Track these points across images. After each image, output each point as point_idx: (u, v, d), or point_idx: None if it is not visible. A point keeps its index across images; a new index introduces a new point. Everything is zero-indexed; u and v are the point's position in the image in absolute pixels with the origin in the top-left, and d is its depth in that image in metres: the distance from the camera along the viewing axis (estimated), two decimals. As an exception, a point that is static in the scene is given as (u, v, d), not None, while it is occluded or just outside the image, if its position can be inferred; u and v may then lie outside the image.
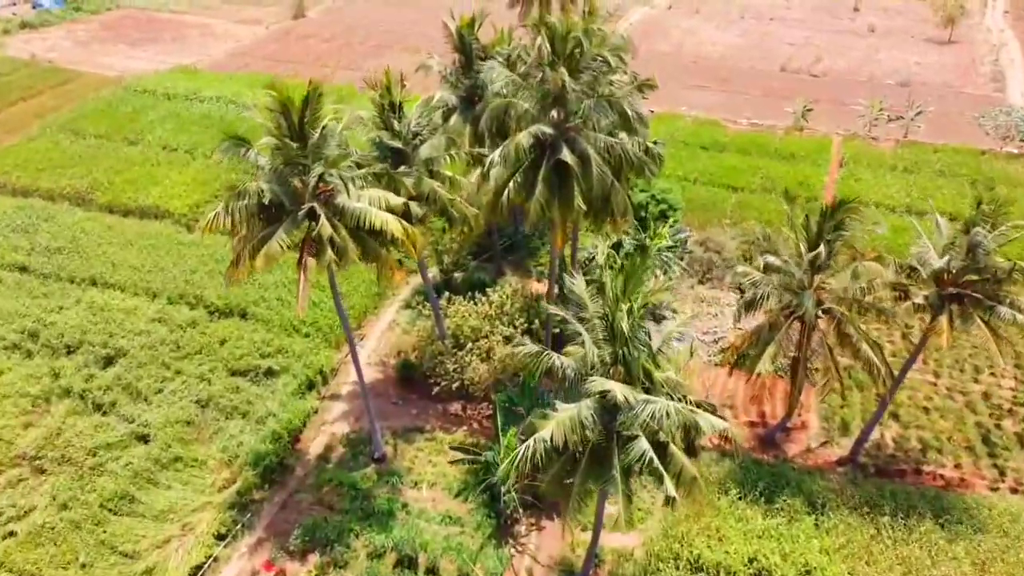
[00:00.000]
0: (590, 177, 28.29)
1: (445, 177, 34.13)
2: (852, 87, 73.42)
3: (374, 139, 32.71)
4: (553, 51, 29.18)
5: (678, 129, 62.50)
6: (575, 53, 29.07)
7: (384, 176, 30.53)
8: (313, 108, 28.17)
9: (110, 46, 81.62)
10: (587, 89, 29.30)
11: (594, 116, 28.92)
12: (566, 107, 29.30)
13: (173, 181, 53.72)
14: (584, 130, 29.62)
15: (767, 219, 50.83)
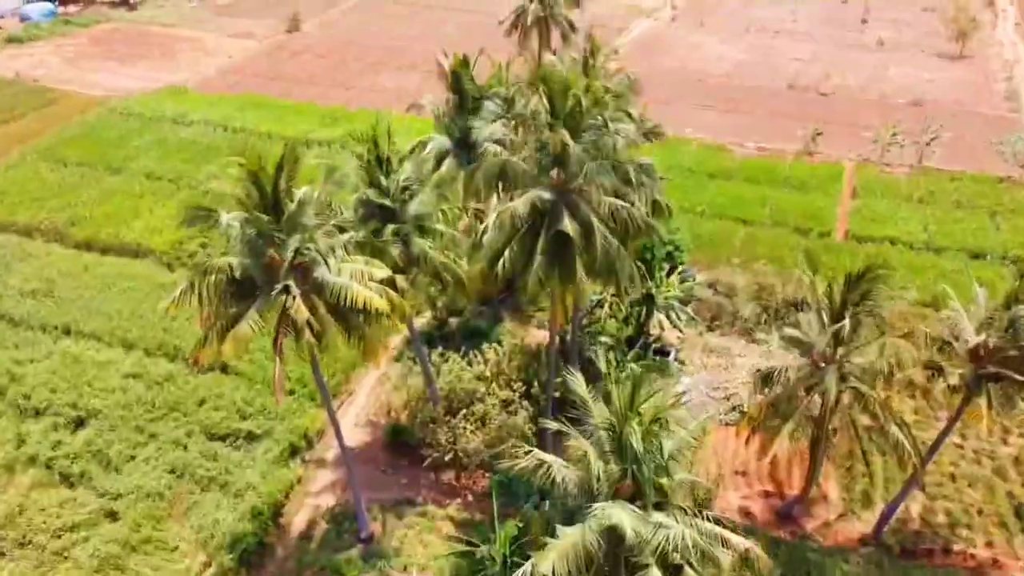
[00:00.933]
0: (594, 248, 25.56)
1: (437, 232, 31.46)
2: (862, 107, 70.58)
3: (360, 197, 29.83)
4: (552, 109, 26.37)
5: (684, 155, 59.69)
6: (575, 112, 26.24)
7: (368, 244, 27.72)
8: (289, 174, 25.25)
9: (98, 63, 78.79)
10: (590, 148, 26.49)
11: (597, 179, 26.14)
12: (567, 169, 26.52)
13: (156, 215, 50.99)
14: (587, 191, 26.84)
15: (778, 256, 48.11)
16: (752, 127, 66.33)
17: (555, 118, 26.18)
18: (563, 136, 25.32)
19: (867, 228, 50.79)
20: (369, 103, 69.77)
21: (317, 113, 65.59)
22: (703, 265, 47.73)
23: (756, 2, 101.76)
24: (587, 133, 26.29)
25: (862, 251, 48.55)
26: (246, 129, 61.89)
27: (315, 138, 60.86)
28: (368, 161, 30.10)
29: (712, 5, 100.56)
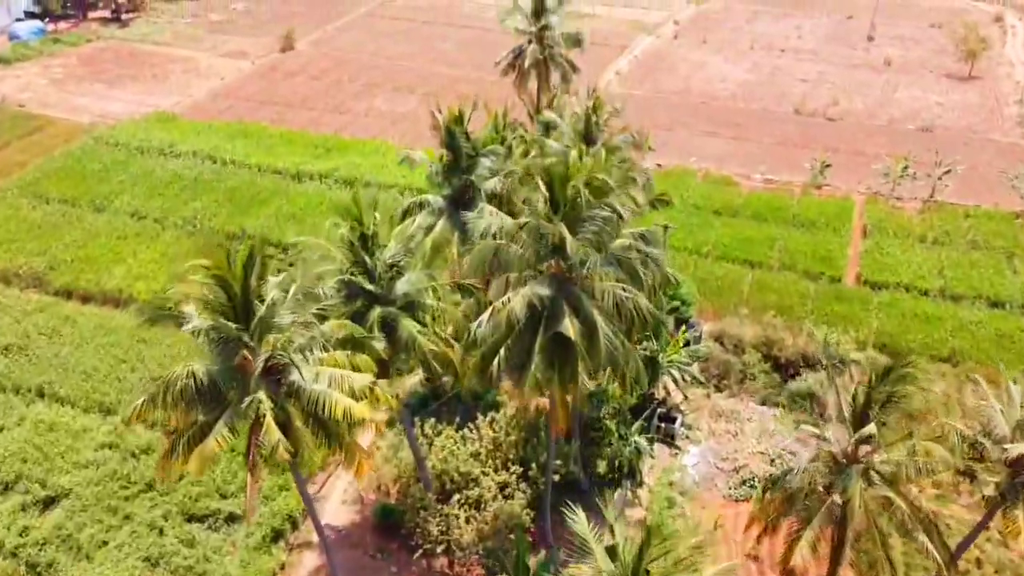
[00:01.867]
0: (597, 349, 23.16)
1: (428, 307, 29.04)
2: (871, 133, 68.09)
3: (343, 280, 27.35)
4: (552, 200, 23.92)
5: (689, 189, 57.22)
6: (576, 204, 23.75)
7: (350, 341, 25.28)
8: (259, 273, 22.83)
9: (87, 85, 76.27)
10: (592, 239, 24.02)
11: (600, 271, 23.69)
12: (567, 260, 24.08)
13: (139, 259, 48.60)
14: (589, 279, 24.39)
15: (787, 304, 45.73)
16: (758, 156, 63.83)
17: (554, 211, 23.74)
18: (561, 230, 22.86)
19: (879, 273, 48.34)
20: (364, 129, 67.42)
21: (310, 142, 63.08)
22: (710, 315, 45.37)
23: (760, 17, 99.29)
24: (590, 223, 23.76)
25: (875, 300, 46.25)
26: (236, 161, 59.39)
27: (307, 171, 58.39)
28: (351, 242, 27.47)
29: (715, 20, 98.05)
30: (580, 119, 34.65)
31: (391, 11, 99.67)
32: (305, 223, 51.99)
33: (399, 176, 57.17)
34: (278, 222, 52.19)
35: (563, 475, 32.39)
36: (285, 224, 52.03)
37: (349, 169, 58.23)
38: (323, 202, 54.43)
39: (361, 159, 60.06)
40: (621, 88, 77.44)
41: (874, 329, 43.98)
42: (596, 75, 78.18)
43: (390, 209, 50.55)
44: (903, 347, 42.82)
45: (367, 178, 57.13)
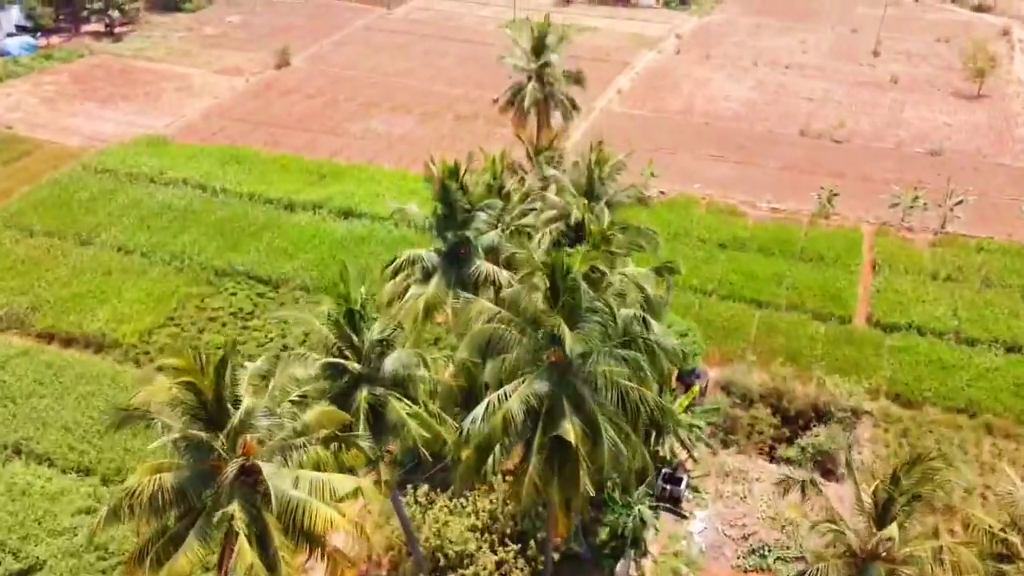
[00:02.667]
0: (600, 452, 21.19)
1: (418, 379, 26.99)
2: (878, 157, 66.01)
3: (327, 362, 25.28)
4: (553, 291, 21.90)
5: (693, 219, 55.20)
6: (577, 297, 21.72)
7: (333, 439, 23.24)
8: (233, 377, 20.83)
9: (78, 104, 74.21)
10: (595, 328, 22.03)
11: (603, 365, 21.69)
12: (567, 354, 22.06)
13: (124, 298, 46.60)
14: (591, 370, 22.39)
15: (796, 349, 43.75)
16: (764, 182, 61.78)
17: (554, 298, 21.73)
18: (561, 329, 20.81)
19: (890, 313, 46.31)
20: (360, 153, 65.42)
21: (303, 168, 61.04)
22: (716, 359, 43.39)
23: (763, 30, 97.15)
24: (594, 316, 21.74)
25: (887, 343, 44.27)
26: (227, 190, 57.37)
27: (299, 200, 56.37)
28: (336, 320, 25.44)
29: (718, 34, 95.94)
30: (582, 172, 32.53)
31: (390, 24, 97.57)
32: (296, 258, 50.06)
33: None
34: (269, 257, 50.18)
35: (563, 551, 30.47)
36: (276, 259, 50.04)
37: (343, 199, 56.18)
38: (316, 235, 52.47)
39: (356, 187, 58.00)
40: (622, 107, 75.47)
41: (887, 376, 42.00)
42: (597, 93, 76.22)
43: (383, 256, 49.05)
44: (917, 396, 40.95)
45: (361, 208, 55.13)
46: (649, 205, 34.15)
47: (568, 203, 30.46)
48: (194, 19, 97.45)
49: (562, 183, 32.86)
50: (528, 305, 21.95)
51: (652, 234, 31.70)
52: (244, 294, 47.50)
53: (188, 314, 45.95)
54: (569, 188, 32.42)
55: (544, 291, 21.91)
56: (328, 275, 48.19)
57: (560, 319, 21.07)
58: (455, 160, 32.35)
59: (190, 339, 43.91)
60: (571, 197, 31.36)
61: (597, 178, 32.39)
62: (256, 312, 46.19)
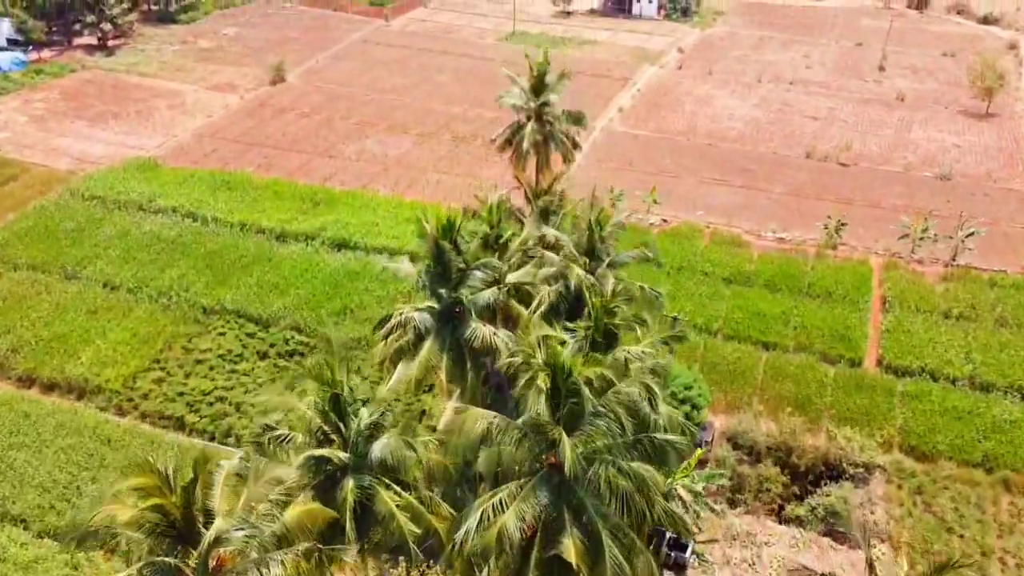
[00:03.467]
0: (602, 569, 19.29)
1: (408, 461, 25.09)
2: (886, 181, 64.05)
3: (309, 457, 23.36)
4: (554, 393, 19.99)
5: (696, 251, 53.24)
6: (579, 400, 19.83)
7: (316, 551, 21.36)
8: (205, 486, 18.97)
9: (67, 123, 72.17)
10: (599, 435, 20.13)
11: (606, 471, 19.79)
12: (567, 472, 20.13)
13: (109, 339, 44.70)
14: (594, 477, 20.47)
15: (805, 396, 41.91)
16: (769, 209, 59.85)
17: (555, 399, 19.84)
18: (562, 441, 18.92)
19: (902, 356, 44.42)
20: (355, 177, 63.45)
21: (297, 194, 59.05)
22: (721, 407, 41.56)
23: (767, 43, 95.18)
24: (597, 420, 19.86)
25: (898, 388, 42.42)
26: (218, 219, 55.40)
27: (292, 230, 54.45)
28: (323, 409, 23.50)
29: (721, 47, 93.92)
30: (583, 233, 30.56)
31: (386, 37, 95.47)
32: (288, 294, 48.14)
33: (390, 238, 53.27)
34: (259, 293, 48.25)
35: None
36: (267, 295, 48.12)
37: (337, 229, 54.22)
38: (308, 268, 50.55)
39: (350, 215, 56.03)
40: (624, 127, 73.47)
41: (899, 427, 40.16)
42: (599, 112, 74.28)
43: (377, 293, 47.21)
44: (931, 449, 39.13)
45: (355, 239, 53.18)
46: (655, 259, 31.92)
47: (568, 264, 28.55)
48: (189, 31, 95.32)
49: (562, 242, 30.91)
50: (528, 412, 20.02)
51: (656, 297, 29.79)
52: (233, 334, 45.59)
53: (174, 356, 44.06)
54: (569, 248, 30.49)
55: (545, 393, 20.02)
56: (321, 313, 46.50)
57: (561, 429, 19.19)
58: (448, 215, 30.33)
59: (176, 384, 42.08)
60: (571, 257, 29.40)
61: (598, 237, 30.38)
62: (245, 354, 44.25)
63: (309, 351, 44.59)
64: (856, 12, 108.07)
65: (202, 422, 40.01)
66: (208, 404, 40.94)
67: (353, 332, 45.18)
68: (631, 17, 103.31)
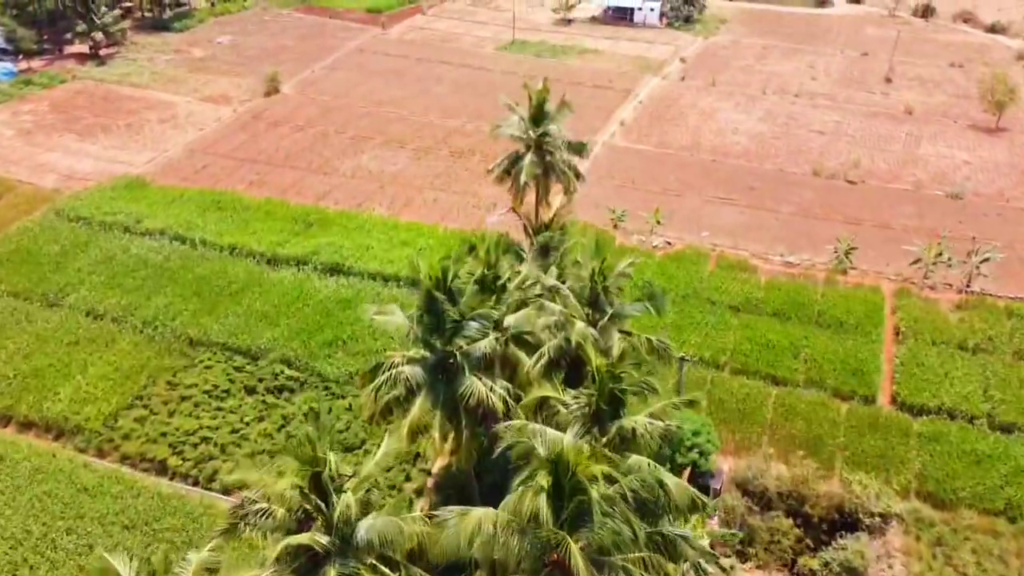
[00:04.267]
0: None
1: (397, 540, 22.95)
2: (896, 200, 61.90)
3: (291, 545, 21.20)
4: (557, 491, 17.86)
5: (702, 277, 51.05)
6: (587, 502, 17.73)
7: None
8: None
9: (56, 137, 69.99)
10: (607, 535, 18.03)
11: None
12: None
13: (90, 374, 42.52)
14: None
15: (816, 435, 39.82)
16: (776, 230, 57.68)
17: (558, 499, 17.73)
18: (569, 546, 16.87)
19: (917, 393, 42.26)
20: (350, 195, 61.30)
21: (289, 215, 56.83)
22: (730, 448, 39.47)
23: (771, 53, 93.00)
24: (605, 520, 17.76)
25: (915, 428, 40.29)
26: (207, 242, 53.22)
27: (284, 254, 52.27)
28: (302, 491, 21.33)
29: (724, 57, 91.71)
30: (585, 284, 28.38)
31: (383, 46, 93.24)
32: (278, 324, 45.98)
33: (385, 262, 51.11)
34: (248, 323, 46.09)
35: None
36: (256, 325, 45.95)
37: (330, 252, 52.02)
38: (300, 296, 48.40)
39: (344, 237, 53.84)
40: (626, 142, 71.30)
41: (916, 471, 38.05)
42: (600, 126, 72.18)
43: (370, 324, 44.75)
44: (950, 496, 37.03)
45: (348, 264, 51.01)
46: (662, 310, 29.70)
47: (569, 318, 26.44)
48: (183, 40, 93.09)
49: (563, 293, 28.74)
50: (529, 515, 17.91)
51: (664, 349, 27.64)
52: (221, 367, 43.45)
53: (158, 392, 41.90)
54: (571, 299, 28.33)
55: (547, 492, 17.92)
56: (312, 344, 44.35)
57: (565, 535, 17.11)
58: (442, 264, 28.10)
59: (159, 424, 39.96)
60: (572, 309, 27.26)
61: (601, 288, 28.18)
62: (232, 390, 42.09)
63: (299, 386, 42.50)
64: (861, 20, 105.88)
65: (185, 465, 37.90)
66: (192, 446, 38.80)
67: (345, 365, 43.08)
68: (632, 25, 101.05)
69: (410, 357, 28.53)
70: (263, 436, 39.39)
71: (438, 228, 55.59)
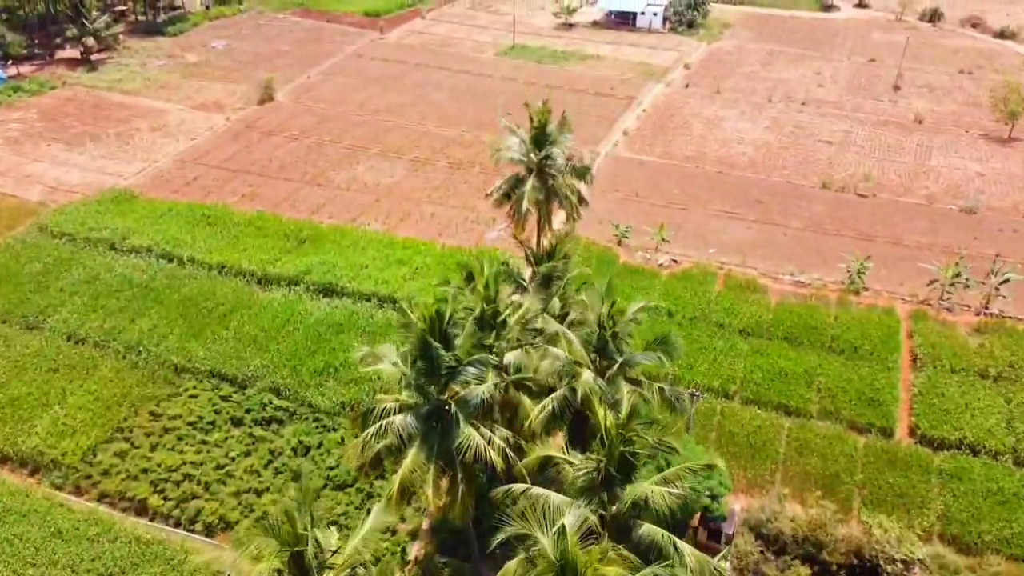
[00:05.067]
0: None
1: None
2: (908, 215, 59.57)
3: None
4: None
5: (709, 299, 48.66)
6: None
7: None
8: None
9: (43, 146, 67.61)
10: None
11: None
12: None
13: (69, 404, 40.20)
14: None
15: (832, 472, 37.59)
16: (786, 247, 55.34)
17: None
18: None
19: (937, 425, 39.95)
20: (345, 208, 58.98)
21: (281, 231, 54.43)
22: (741, 485, 37.20)
23: (776, 59, 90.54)
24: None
25: (936, 464, 38.00)
26: (195, 259, 50.89)
27: (275, 273, 49.91)
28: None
29: (728, 63, 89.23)
30: (593, 331, 26.00)
31: (381, 51, 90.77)
32: (268, 350, 43.70)
33: (379, 283, 48.79)
34: (236, 348, 43.77)
35: None
36: (245, 350, 43.66)
37: (323, 271, 49.69)
38: (290, 319, 46.06)
39: (337, 255, 51.50)
40: (629, 152, 68.92)
41: (939, 512, 35.76)
42: (603, 135, 69.85)
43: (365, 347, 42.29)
44: (975, 540, 34.77)
45: (342, 284, 48.68)
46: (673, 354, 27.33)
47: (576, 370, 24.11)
48: (177, 44, 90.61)
49: (568, 338, 26.39)
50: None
51: (679, 399, 25.31)
52: (207, 396, 41.18)
53: (140, 424, 39.60)
54: (576, 345, 25.99)
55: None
56: (303, 372, 42.04)
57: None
58: (437, 306, 25.73)
59: (140, 459, 37.65)
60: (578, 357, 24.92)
61: (610, 335, 25.81)
62: (217, 422, 39.79)
63: (288, 417, 40.23)
64: (867, 25, 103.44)
65: (167, 505, 35.62)
66: (175, 483, 36.51)
67: (336, 395, 40.81)
68: (635, 30, 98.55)
69: (403, 403, 26.21)
70: (249, 473, 37.14)
71: (435, 245, 53.21)
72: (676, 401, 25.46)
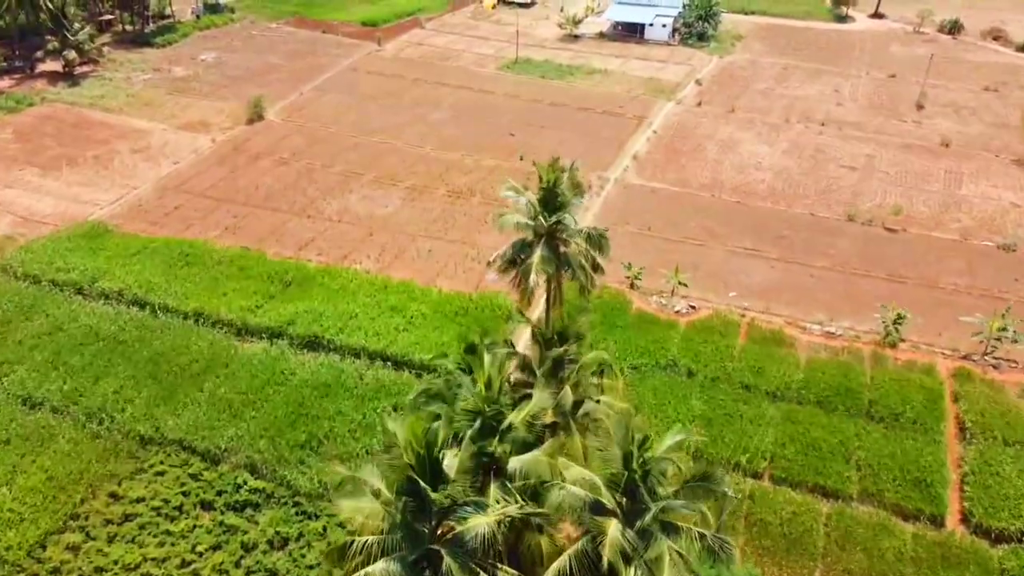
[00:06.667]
0: None
1: None
2: (942, 252, 54.58)
3: None
4: None
5: (732, 355, 43.72)
6: None
7: None
8: None
9: (16, 171, 62.52)
10: None
11: None
12: None
13: (18, 486, 35.21)
14: None
15: (879, 571, 32.63)
16: (812, 290, 50.37)
17: None
18: None
19: (994, 511, 35.04)
20: (335, 244, 53.98)
21: (265, 273, 49.42)
22: (776, 584, 32.27)
23: (792, 74, 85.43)
24: None
25: (995, 562, 33.09)
26: (168, 307, 45.92)
27: (255, 323, 44.93)
28: None
29: (742, 79, 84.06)
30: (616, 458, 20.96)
31: (378, 65, 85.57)
32: (243, 418, 38.78)
33: (369, 335, 43.88)
34: (209, 415, 38.83)
35: None
36: (218, 418, 38.73)
37: (308, 322, 44.73)
38: (271, 379, 41.13)
39: (325, 302, 46.52)
40: (640, 179, 63.88)
41: (1005, 627, 30.89)
42: (611, 160, 64.88)
43: (351, 414, 37.07)
44: (1049, 663, 29.81)
45: (329, 336, 43.74)
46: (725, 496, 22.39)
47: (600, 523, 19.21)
48: (164, 56, 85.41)
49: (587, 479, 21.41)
50: None
51: (721, 546, 20.38)
52: (174, 475, 36.24)
53: (97, 509, 34.62)
54: (599, 484, 20.99)
55: None
56: (282, 445, 37.14)
57: None
58: (427, 434, 20.72)
59: (94, 554, 32.72)
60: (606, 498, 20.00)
61: (640, 474, 20.74)
62: (185, 506, 34.87)
63: (265, 501, 35.30)
64: (885, 37, 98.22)
65: (122, 614, 30.75)
66: (132, 586, 31.62)
67: (320, 475, 35.84)
68: (643, 42, 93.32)
69: (385, 546, 21.24)
70: (218, 573, 32.21)
71: (432, 291, 48.23)
72: (721, 550, 20.53)
